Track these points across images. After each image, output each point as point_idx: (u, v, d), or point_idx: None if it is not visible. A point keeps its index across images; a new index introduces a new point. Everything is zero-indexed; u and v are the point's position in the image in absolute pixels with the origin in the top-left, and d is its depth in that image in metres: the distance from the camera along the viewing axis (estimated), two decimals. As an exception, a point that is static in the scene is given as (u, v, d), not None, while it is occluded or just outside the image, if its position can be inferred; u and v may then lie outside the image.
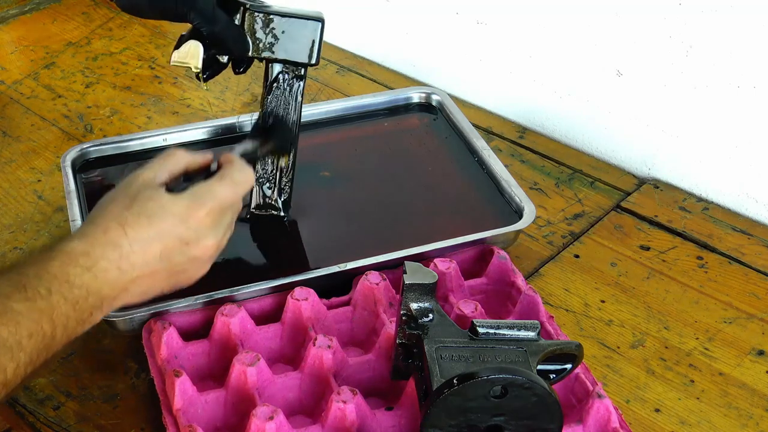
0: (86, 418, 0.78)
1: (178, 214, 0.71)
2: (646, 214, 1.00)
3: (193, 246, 0.72)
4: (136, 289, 0.71)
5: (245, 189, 0.77)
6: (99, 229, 0.69)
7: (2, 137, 1.13)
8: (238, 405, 0.75)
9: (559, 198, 1.03)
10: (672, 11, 0.97)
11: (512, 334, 0.71)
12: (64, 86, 1.22)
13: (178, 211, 0.71)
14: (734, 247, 0.96)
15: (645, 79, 1.03)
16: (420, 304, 0.73)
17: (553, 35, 1.09)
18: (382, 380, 0.78)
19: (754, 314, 0.88)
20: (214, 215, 0.73)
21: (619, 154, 1.09)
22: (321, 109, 1.09)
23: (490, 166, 0.99)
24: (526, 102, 1.15)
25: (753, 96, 0.95)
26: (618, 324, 0.87)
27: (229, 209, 0.75)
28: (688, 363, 0.83)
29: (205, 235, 0.73)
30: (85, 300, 0.67)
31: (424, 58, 1.24)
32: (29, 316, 0.62)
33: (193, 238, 0.72)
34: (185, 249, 0.72)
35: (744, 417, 0.78)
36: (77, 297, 0.66)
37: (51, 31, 1.34)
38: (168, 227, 0.71)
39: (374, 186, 1.00)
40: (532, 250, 0.95)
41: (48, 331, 0.64)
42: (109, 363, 0.83)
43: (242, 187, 0.76)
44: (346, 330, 0.84)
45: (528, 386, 0.66)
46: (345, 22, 1.30)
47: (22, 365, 0.62)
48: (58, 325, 0.65)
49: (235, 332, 0.79)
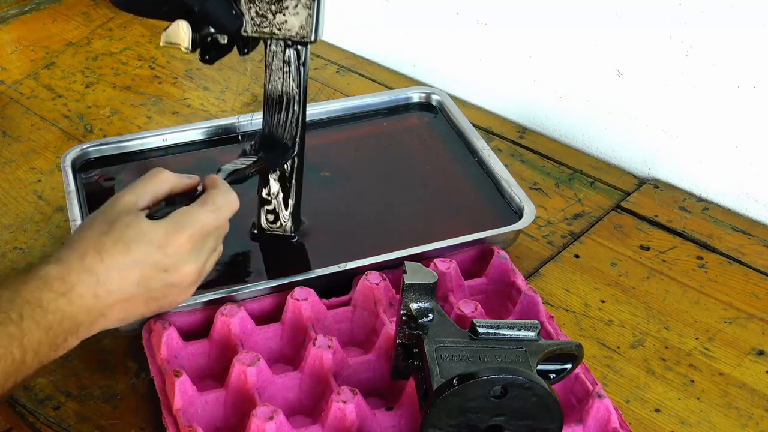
0: (86, 418, 0.78)
1: (156, 241, 0.70)
2: (646, 214, 1.00)
3: (172, 273, 0.71)
4: (114, 315, 0.70)
5: (228, 213, 0.75)
6: (75, 254, 0.68)
7: (2, 137, 1.13)
8: (238, 405, 0.75)
9: (559, 198, 1.03)
10: (672, 11, 0.97)
11: (512, 334, 0.71)
12: (64, 86, 1.22)
13: (156, 237, 0.70)
14: (734, 247, 0.96)
15: (645, 79, 1.03)
16: (420, 304, 0.73)
17: (553, 35, 1.09)
18: (382, 380, 0.78)
19: (754, 314, 0.88)
20: (194, 241, 0.72)
21: (619, 154, 1.09)
22: (321, 109, 1.09)
23: (490, 166, 0.99)
24: (526, 102, 1.15)
25: (753, 96, 0.95)
26: (618, 324, 0.87)
27: (211, 234, 0.74)
28: (688, 363, 0.83)
29: (184, 261, 0.71)
30: (60, 325, 0.66)
31: (424, 58, 1.24)
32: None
33: (172, 264, 0.71)
34: (164, 276, 0.71)
35: (744, 417, 0.78)
36: (50, 322, 0.65)
37: (51, 31, 1.34)
38: (146, 254, 0.70)
39: (374, 186, 1.00)
40: (532, 250, 0.95)
41: (18, 356, 0.63)
42: (109, 363, 0.83)
43: (224, 212, 0.75)
44: (346, 330, 0.84)
45: (528, 386, 0.66)
46: (345, 22, 1.30)
47: None
48: (29, 350, 0.64)
49: (235, 332, 0.79)
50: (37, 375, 0.81)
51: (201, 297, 0.81)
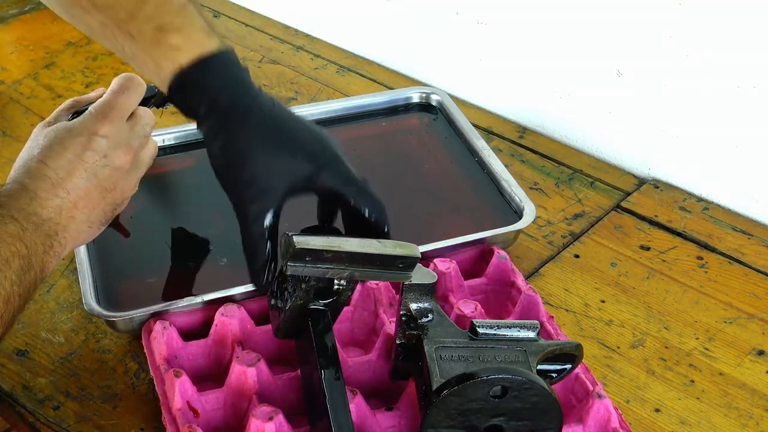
0: (86, 418, 0.78)
1: (85, 130, 0.74)
2: (646, 214, 1.00)
3: (110, 156, 0.74)
4: (80, 215, 0.73)
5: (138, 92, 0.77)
6: (21, 172, 0.72)
7: (2, 137, 1.13)
8: (238, 405, 0.75)
9: (559, 198, 1.03)
10: (672, 11, 0.97)
11: (512, 334, 0.71)
12: (64, 86, 1.22)
13: (83, 128, 0.74)
14: (734, 247, 0.96)
15: (645, 79, 1.03)
16: (420, 304, 0.73)
17: (552, 35, 1.09)
18: (382, 380, 0.78)
19: (755, 314, 0.88)
20: (118, 123, 0.75)
21: (619, 154, 1.09)
22: (321, 109, 1.09)
23: (490, 166, 0.99)
24: (526, 102, 1.15)
25: (753, 96, 0.95)
26: (618, 324, 0.87)
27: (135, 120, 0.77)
28: (688, 363, 0.83)
29: (117, 143, 0.75)
30: (42, 226, 0.70)
31: (424, 58, 1.24)
32: (5, 239, 0.66)
33: (107, 148, 0.74)
34: (105, 161, 0.74)
35: (744, 417, 0.78)
36: (35, 222, 0.69)
37: (51, 31, 1.34)
38: (81, 145, 0.73)
39: (374, 186, 1.00)
40: (532, 250, 0.95)
41: (24, 252, 0.67)
42: (109, 363, 0.83)
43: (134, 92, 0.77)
44: (346, 330, 0.83)
45: (528, 386, 0.66)
46: (345, 22, 1.30)
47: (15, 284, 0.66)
48: (30, 247, 0.68)
49: (235, 332, 0.79)
50: (37, 375, 0.81)
51: (201, 297, 0.82)
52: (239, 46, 1.30)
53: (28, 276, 0.68)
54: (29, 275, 0.68)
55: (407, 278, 0.71)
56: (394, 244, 0.71)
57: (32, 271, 0.68)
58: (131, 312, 0.81)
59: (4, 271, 0.65)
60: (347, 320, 0.83)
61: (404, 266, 0.71)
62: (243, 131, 0.73)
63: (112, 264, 0.88)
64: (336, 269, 0.69)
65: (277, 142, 0.73)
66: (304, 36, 1.33)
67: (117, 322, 0.81)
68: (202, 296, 0.82)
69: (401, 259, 0.70)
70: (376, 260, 0.70)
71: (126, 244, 0.89)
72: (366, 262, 0.70)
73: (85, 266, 0.85)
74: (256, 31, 1.35)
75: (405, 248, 0.71)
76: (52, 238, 0.71)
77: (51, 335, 0.85)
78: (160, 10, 0.70)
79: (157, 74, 0.73)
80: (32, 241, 0.68)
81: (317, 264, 0.68)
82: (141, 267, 0.89)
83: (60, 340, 0.85)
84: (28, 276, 0.68)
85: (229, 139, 0.73)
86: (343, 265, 0.69)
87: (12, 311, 0.66)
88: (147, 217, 0.94)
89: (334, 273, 0.70)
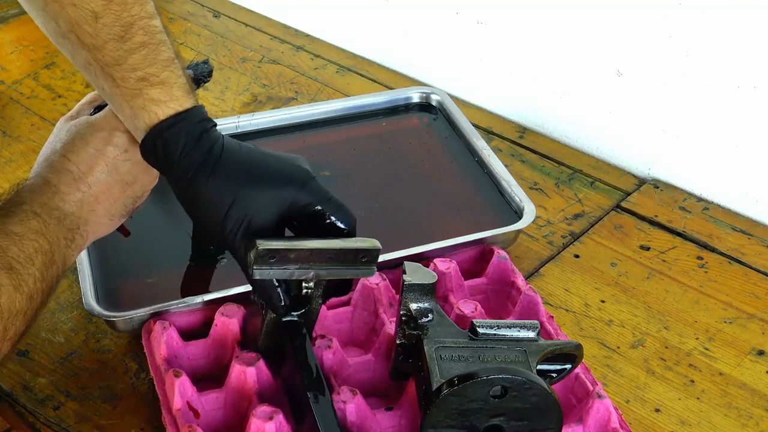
0: (86, 418, 0.78)
1: (107, 125, 0.75)
2: (646, 214, 1.00)
3: (132, 151, 0.75)
4: (101, 208, 0.74)
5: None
6: (44, 167, 0.73)
7: (2, 137, 1.13)
8: (238, 405, 0.75)
9: (559, 198, 1.03)
10: (672, 11, 0.97)
11: (512, 334, 0.71)
12: (64, 86, 1.22)
13: (106, 123, 0.75)
14: (734, 247, 0.96)
15: (645, 79, 1.03)
16: (420, 304, 0.73)
17: (553, 35, 1.09)
18: (382, 380, 0.78)
19: (754, 314, 0.88)
20: None
21: (619, 154, 1.09)
22: (321, 109, 1.09)
23: (490, 166, 0.99)
24: (526, 102, 1.15)
25: (753, 96, 0.95)
26: (618, 324, 0.87)
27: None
28: (688, 363, 0.83)
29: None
30: (64, 220, 0.71)
31: (424, 58, 1.24)
32: (28, 236, 0.67)
33: (128, 142, 0.75)
34: (126, 156, 0.75)
35: (744, 417, 0.78)
36: (57, 216, 0.70)
37: (51, 31, 1.34)
38: (102, 140, 0.74)
39: (374, 186, 1.00)
40: (532, 250, 0.95)
41: (47, 248, 0.68)
42: (109, 363, 0.83)
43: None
44: (346, 330, 0.84)
45: (528, 386, 0.66)
46: (345, 22, 1.30)
47: (39, 281, 0.67)
48: (53, 242, 0.69)
49: (235, 332, 0.79)
50: (37, 375, 0.81)
51: (201, 297, 0.82)
52: (239, 45, 1.30)
53: (50, 271, 0.68)
54: (52, 270, 0.69)
55: (371, 273, 0.72)
56: (355, 239, 0.73)
57: (55, 266, 0.69)
58: (131, 312, 0.81)
59: (28, 268, 0.66)
60: (347, 320, 0.83)
61: (367, 260, 0.72)
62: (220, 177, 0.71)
63: (112, 264, 0.88)
64: (301, 269, 0.70)
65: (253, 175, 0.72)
66: (304, 36, 1.33)
67: (117, 322, 0.81)
68: (202, 296, 0.82)
69: (363, 253, 0.71)
70: (338, 256, 0.71)
71: (126, 244, 0.89)
72: (329, 258, 0.71)
73: (85, 266, 0.85)
74: (256, 31, 1.35)
75: (366, 242, 0.72)
76: (74, 232, 0.72)
77: (51, 335, 0.85)
78: (148, 61, 0.70)
79: (132, 121, 0.72)
80: (55, 236, 0.69)
81: (282, 265, 0.69)
82: (141, 267, 0.89)
83: (60, 340, 0.85)
84: (51, 271, 0.69)
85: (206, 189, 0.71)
86: (307, 264, 0.70)
87: (35, 307, 0.67)
88: (147, 217, 0.94)
89: (300, 274, 0.71)
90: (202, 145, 0.71)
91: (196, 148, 0.70)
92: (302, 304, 0.74)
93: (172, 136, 0.70)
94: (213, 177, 0.70)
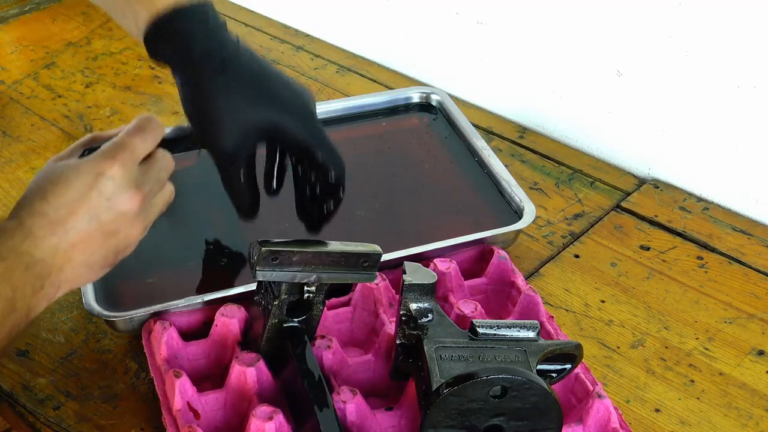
0: (86, 418, 0.78)
1: (92, 171, 0.70)
2: (646, 214, 1.00)
3: (116, 200, 0.70)
4: (78, 257, 0.70)
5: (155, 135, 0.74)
6: (23, 207, 0.69)
7: (2, 137, 1.13)
8: (238, 405, 0.75)
9: (559, 198, 1.03)
10: (672, 11, 0.97)
11: (512, 334, 0.71)
12: (64, 86, 1.22)
13: (91, 168, 0.70)
14: (734, 247, 0.96)
15: (645, 79, 1.03)
16: (419, 304, 0.73)
17: (553, 35, 1.09)
18: (382, 380, 0.78)
19: (754, 314, 0.88)
20: (128, 166, 0.71)
21: (619, 154, 1.09)
22: (321, 109, 1.08)
23: (490, 166, 0.99)
24: (526, 102, 1.15)
25: (753, 96, 0.95)
26: (618, 324, 0.87)
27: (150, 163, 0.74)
28: (688, 363, 0.83)
29: (124, 186, 0.71)
30: (34, 267, 0.67)
31: (424, 58, 1.24)
32: None
33: (114, 190, 0.70)
34: (109, 204, 0.70)
35: (744, 417, 0.78)
36: (27, 263, 0.66)
37: (51, 31, 1.34)
38: (86, 185, 0.69)
39: (374, 186, 1.00)
40: (532, 250, 0.95)
41: (9, 294, 0.64)
42: (109, 363, 0.83)
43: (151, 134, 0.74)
44: (346, 330, 0.83)
45: (528, 386, 0.66)
46: (345, 22, 1.30)
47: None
48: (17, 288, 0.65)
49: (235, 332, 0.79)
50: (37, 375, 0.81)
51: (201, 297, 0.82)
52: (239, 46, 1.30)
53: (10, 318, 0.65)
54: (12, 317, 0.65)
55: (372, 278, 0.74)
56: (356, 244, 0.73)
57: (15, 314, 0.65)
58: (131, 312, 0.81)
59: None
60: (347, 320, 0.83)
61: (368, 265, 0.73)
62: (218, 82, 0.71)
63: (112, 264, 0.88)
64: (303, 272, 0.71)
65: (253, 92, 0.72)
66: (304, 36, 1.33)
67: (117, 322, 0.81)
68: (202, 296, 0.82)
69: (365, 257, 0.72)
70: (340, 259, 0.72)
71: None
72: (331, 262, 0.72)
73: (85, 266, 0.85)
74: (256, 31, 1.35)
75: (368, 247, 0.73)
76: (43, 280, 0.67)
77: (51, 335, 0.85)
78: None
79: (135, 23, 0.69)
80: (20, 282, 0.65)
81: (285, 268, 0.70)
82: (141, 267, 0.88)
83: (60, 340, 0.85)
84: (11, 318, 0.65)
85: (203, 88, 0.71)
86: (309, 267, 0.71)
87: None
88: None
89: (302, 276, 0.71)
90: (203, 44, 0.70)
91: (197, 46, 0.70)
92: (304, 310, 0.74)
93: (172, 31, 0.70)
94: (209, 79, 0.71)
